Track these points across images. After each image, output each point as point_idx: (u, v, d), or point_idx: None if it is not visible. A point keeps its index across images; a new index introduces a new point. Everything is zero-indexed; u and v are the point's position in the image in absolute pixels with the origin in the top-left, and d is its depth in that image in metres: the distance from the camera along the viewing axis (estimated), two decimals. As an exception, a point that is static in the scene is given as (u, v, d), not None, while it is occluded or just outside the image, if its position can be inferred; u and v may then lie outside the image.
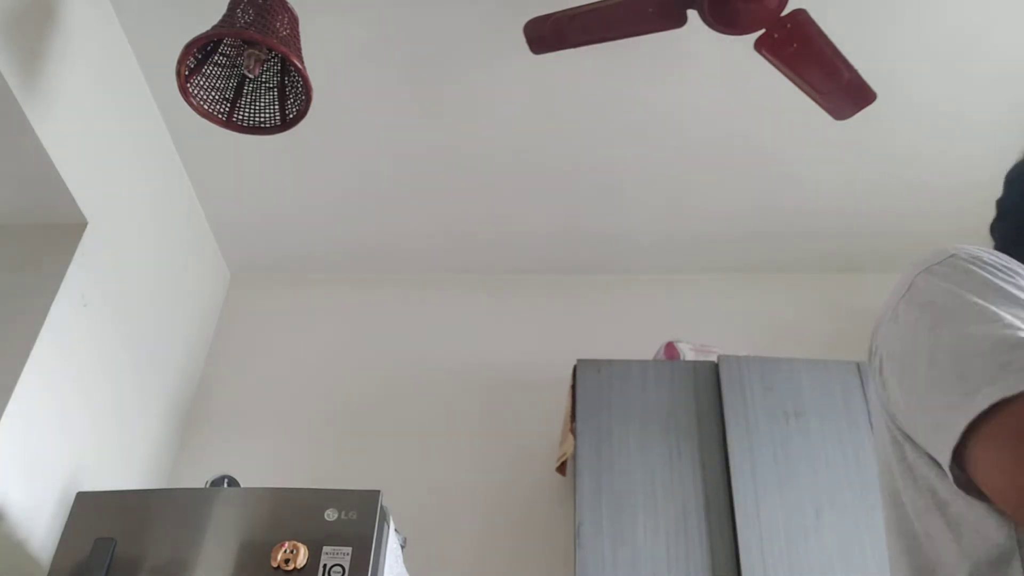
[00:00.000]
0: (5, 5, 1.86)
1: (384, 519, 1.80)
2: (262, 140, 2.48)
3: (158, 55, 2.39)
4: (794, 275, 3.19)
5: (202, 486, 2.18)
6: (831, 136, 2.58)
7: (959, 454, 0.65)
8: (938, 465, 0.69)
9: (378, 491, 1.80)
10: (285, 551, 1.69)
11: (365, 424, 2.87)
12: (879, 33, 2.31)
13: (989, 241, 3.16)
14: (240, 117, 1.96)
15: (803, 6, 1.88)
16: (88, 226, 2.26)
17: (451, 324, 3.11)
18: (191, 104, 1.89)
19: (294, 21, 1.88)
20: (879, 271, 3.17)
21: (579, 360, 2.47)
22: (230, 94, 1.95)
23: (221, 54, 1.91)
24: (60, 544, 1.79)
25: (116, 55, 2.36)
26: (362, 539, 1.73)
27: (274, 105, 1.97)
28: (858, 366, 2.41)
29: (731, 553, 2.11)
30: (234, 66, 1.92)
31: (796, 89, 2.05)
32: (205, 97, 1.92)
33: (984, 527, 0.67)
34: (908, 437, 0.74)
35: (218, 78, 1.93)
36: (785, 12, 1.84)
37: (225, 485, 2.17)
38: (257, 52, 1.83)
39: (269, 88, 1.97)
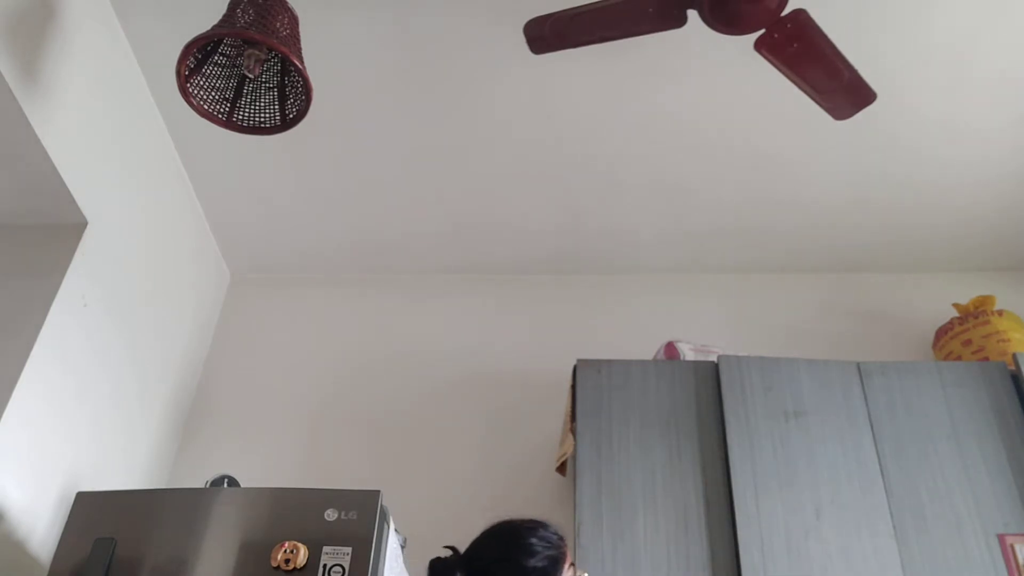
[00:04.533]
0: (5, 5, 1.86)
1: (384, 519, 1.80)
2: (262, 140, 2.48)
3: (158, 55, 2.39)
4: (794, 275, 3.19)
5: (202, 486, 2.18)
6: (831, 137, 2.58)
7: None
8: None
9: (378, 491, 1.80)
10: (285, 551, 1.69)
11: (365, 424, 2.87)
12: (878, 32, 2.31)
13: (988, 238, 3.16)
14: (240, 117, 1.96)
15: (803, 6, 1.88)
16: (88, 226, 2.26)
17: (451, 324, 3.11)
18: (191, 104, 1.89)
19: (294, 21, 1.88)
20: (879, 271, 3.17)
21: (579, 360, 2.47)
22: (230, 94, 1.94)
23: (221, 54, 1.91)
24: (60, 544, 1.79)
25: (116, 55, 2.36)
26: (362, 539, 1.72)
27: (274, 105, 1.97)
28: (858, 366, 2.41)
29: (731, 553, 2.11)
30: (234, 66, 1.92)
31: (796, 89, 2.05)
32: (205, 97, 1.92)
33: None
34: None
35: (218, 78, 1.93)
36: (785, 12, 1.84)
37: (225, 485, 2.17)
38: (257, 52, 1.82)
39: (269, 88, 1.96)
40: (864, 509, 2.16)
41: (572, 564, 1.59)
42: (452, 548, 1.60)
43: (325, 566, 1.69)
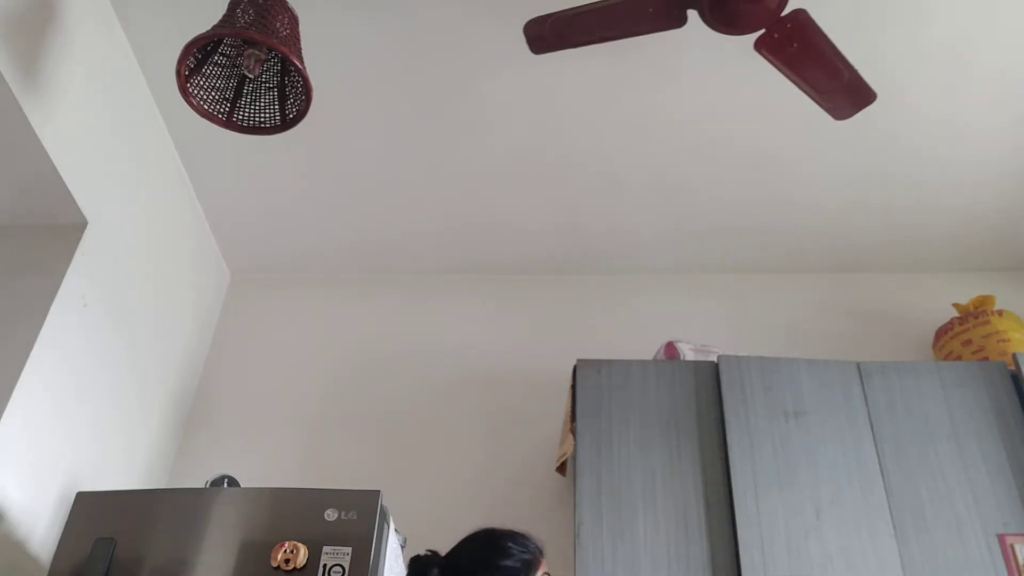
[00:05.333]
0: (5, 5, 1.86)
1: (384, 519, 1.80)
2: (262, 140, 2.48)
3: (158, 55, 2.40)
4: (794, 275, 3.19)
5: (202, 486, 2.18)
6: (831, 136, 2.58)
7: None
8: None
9: (378, 491, 1.80)
10: (285, 551, 1.69)
11: (365, 424, 2.87)
12: (878, 32, 2.31)
13: (988, 238, 3.16)
14: (240, 117, 1.96)
15: (803, 6, 1.88)
16: (88, 226, 2.26)
17: (451, 324, 3.11)
18: (191, 104, 1.89)
19: (294, 21, 1.88)
20: (879, 271, 3.17)
21: (579, 360, 2.47)
22: (230, 94, 1.94)
23: (221, 54, 1.91)
24: (60, 544, 1.79)
25: (116, 55, 2.36)
26: (362, 539, 1.72)
27: (274, 105, 1.97)
28: (858, 366, 2.41)
29: (731, 553, 2.11)
30: (234, 66, 1.92)
31: (796, 89, 2.05)
32: (205, 97, 1.92)
33: None
34: None
35: (218, 78, 1.93)
36: (785, 12, 1.84)
37: (225, 485, 2.17)
38: (257, 52, 1.82)
39: (269, 88, 1.96)
40: (864, 509, 2.16)
41: (547, 574, 1.68)
42: (433, 551, 1.73)
43: (325, 566, 1.69)
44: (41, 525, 2.08)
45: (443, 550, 1.77)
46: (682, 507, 2.19)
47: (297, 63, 1.79)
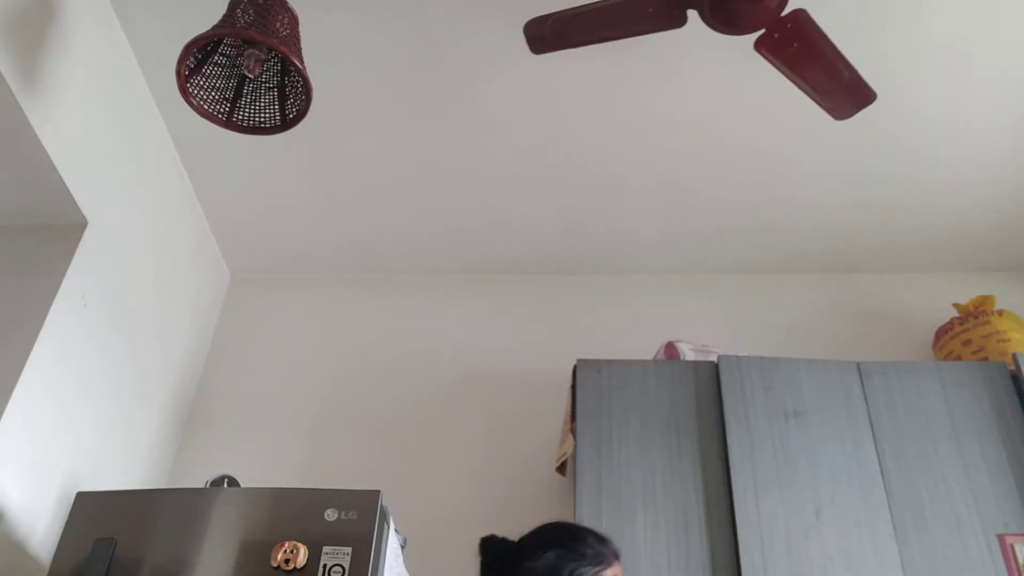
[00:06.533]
0: (5, 5, 1.86)
1: (384, 519, 1.80)
2: (262, 140, 2.48)
3: (158, 55, 2.40)
4: (794, 275, 3.19)
5: (202, 486, 2.18)
6: (831, 136, 2.58)
7: None
8: None
9: (378, 491, 1.80)
10: (285, 551, 1.69)
11: (365, 424, 2.87)
12: (878, 32, 2.31)
13: (988, 238, 3.17)
14: (240, 117, 1.96)
15: (803, 6, 1.88)
16: (88, 226, 2.26)
17: (451, 324, 3.11)
18: (191, 104, 1.89)
19: (294, 21, 1.88)
20: (879, 271, 3.17)
21: (579, 360, 2.47)
22: (230, 94, 1.94)
23: (221, 54, 1.91)
24: (60, 544, 1.79)
25: (116, 55, 2.36)
26: (362, 539, 1.73)
27: (274, 105, 1.97)
28: (858, 366, 2.41)
29: (731, 553, 2.11)
30: (234, 66, 1.92)
31: (796, 89, 2.05)
32: (205, 97, 1.92)
33: None
34: None
35: (218, 78, 1.93)
36: (785, 12, 1.84)
37: (225, 485, 2.17)
38: (257, 52, 1.82)
39: (269, 88, 1.96)
40: (864, 509, 2.16)
41: None
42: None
43: (325, 566, 1.69)
44: (41, 525, 2.08)
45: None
46: (682, 507, 2.19)
47: (297, 63, 1.79)
